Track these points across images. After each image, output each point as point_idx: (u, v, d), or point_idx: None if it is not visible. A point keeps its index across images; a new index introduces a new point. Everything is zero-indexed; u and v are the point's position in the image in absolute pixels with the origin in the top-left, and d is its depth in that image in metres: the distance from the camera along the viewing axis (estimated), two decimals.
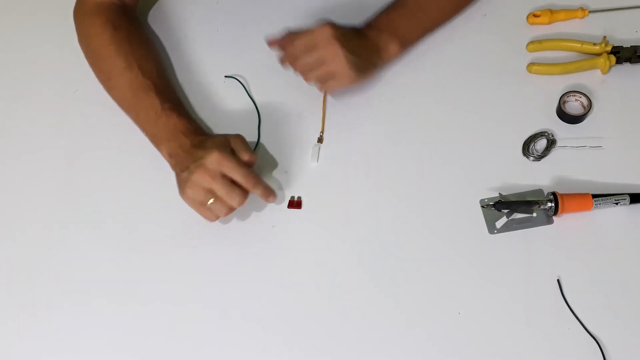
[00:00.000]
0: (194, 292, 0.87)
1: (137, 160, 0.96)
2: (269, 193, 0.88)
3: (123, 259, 0.89)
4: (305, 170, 0.95)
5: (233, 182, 0.85)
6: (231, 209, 0.86)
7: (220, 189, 0.84)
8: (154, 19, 1.10)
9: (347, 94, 1.00)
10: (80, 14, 1.02)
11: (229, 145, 0.87)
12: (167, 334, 0.84)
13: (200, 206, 0.86)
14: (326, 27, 0.91)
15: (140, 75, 0.94)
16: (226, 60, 1.05)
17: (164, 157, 0.91)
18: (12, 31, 1.11)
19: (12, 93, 1.05)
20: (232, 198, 0.85)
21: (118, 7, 1.01)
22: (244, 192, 0.86)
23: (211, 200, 0.85)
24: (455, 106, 0.98)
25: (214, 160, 0.84)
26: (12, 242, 0.92)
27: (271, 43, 0.98)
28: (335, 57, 0.91)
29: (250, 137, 0.97)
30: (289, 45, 0.94)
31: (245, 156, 0.87)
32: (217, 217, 0.87)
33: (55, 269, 0.89)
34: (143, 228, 0.91)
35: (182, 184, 0.86)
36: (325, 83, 0.94)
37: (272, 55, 1.03)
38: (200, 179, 0.84)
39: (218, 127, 0.98)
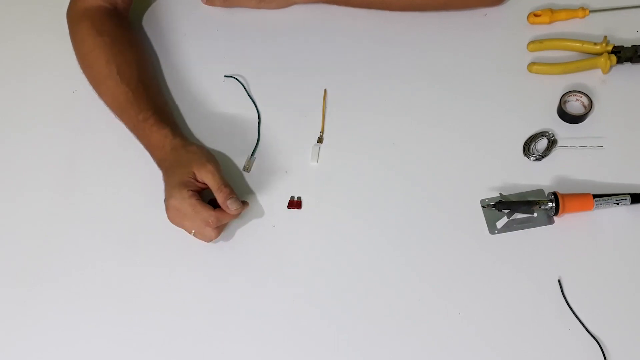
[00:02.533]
0: (194, 292, 0.86)
1: (137, 160, 0.95)
2: (241, 210, 0.87)
3: (123, 259, 0.89)
4: (305, 170, 0.94)
5: None
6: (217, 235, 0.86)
7: (192, 227, 0.85)
8: (152, 18, 1.10)
9: (347, 94, 0.99)
10: (69, 18, 1.02)
11: (193, 177, 0.86)
12: (167, 333, 0.84)
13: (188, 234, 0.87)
14: None
15: (118, 82, 0.94)
16: (226, 60, 1.05)
17: None
18: (12, 31, 1.11)
19: (12, 93, 1.05)
20: (205, 235, 0.86)
21: (106, 11, 1.00)
22: (216, 229, 0.86)
23: (192, 232, 0.86)
24: (456, 106, 0.98)
25: (177, 203, 0.84)
26: (10, 242, 0.92)
27: None
28: None
29: (250, 137, 0.97)
30: None
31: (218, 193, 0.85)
32: (212, 240, 0.87)
33: (55, 269, 0.89)
34: (143, 228, 0.91)
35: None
36: None
37: (272, 55, 1.03)
38: (173, 217, 0.86)
39: (218, 127, 0.98)
